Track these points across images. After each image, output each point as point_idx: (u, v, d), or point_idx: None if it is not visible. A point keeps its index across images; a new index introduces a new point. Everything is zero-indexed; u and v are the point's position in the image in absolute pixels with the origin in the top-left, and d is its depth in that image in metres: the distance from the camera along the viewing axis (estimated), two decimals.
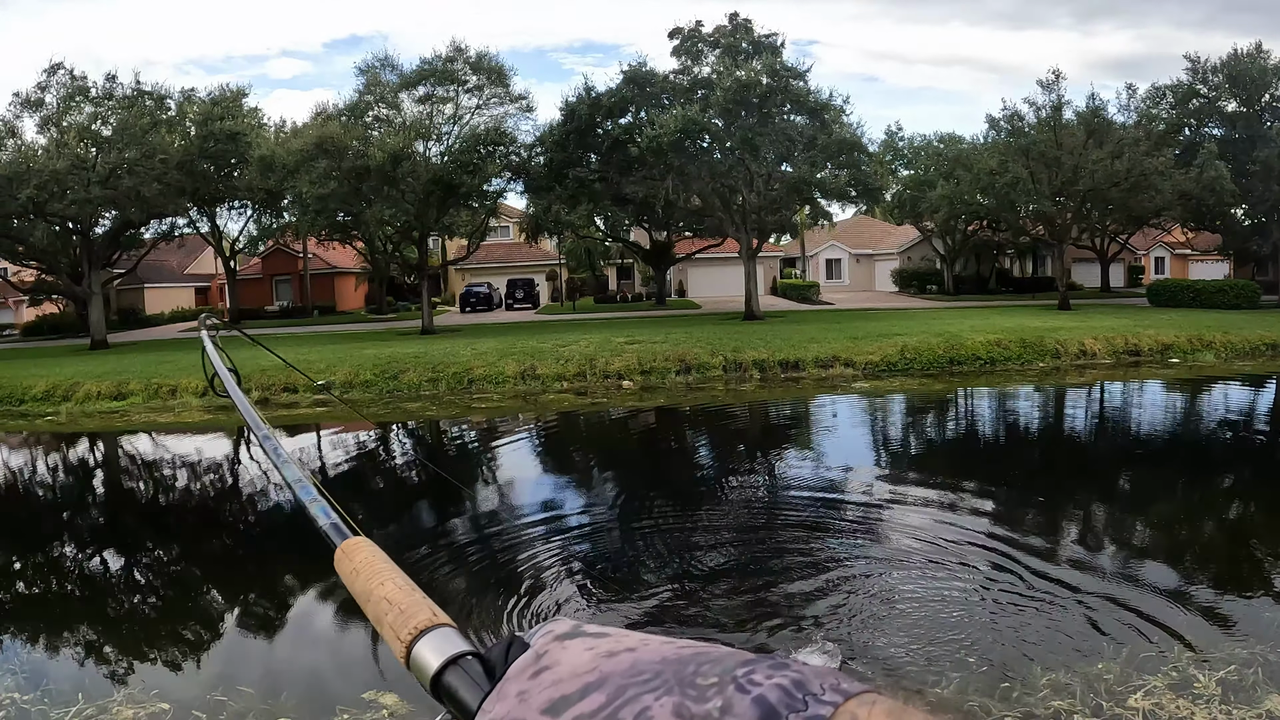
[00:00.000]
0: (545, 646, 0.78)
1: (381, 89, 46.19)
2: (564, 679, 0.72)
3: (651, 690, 0.65)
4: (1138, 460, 18.75)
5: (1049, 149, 47.67)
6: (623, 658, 0.71)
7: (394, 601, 0.97)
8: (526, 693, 0.73)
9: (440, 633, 0.90)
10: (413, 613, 0.93)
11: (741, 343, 34.36)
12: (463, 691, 0.83)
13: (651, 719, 0.62)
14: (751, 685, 0.61)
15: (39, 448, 26.00)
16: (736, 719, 0.58)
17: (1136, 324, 36.99)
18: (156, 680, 8.64)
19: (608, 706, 0.65)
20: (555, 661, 0.75)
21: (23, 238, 48.48)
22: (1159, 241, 78.46)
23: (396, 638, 0.91)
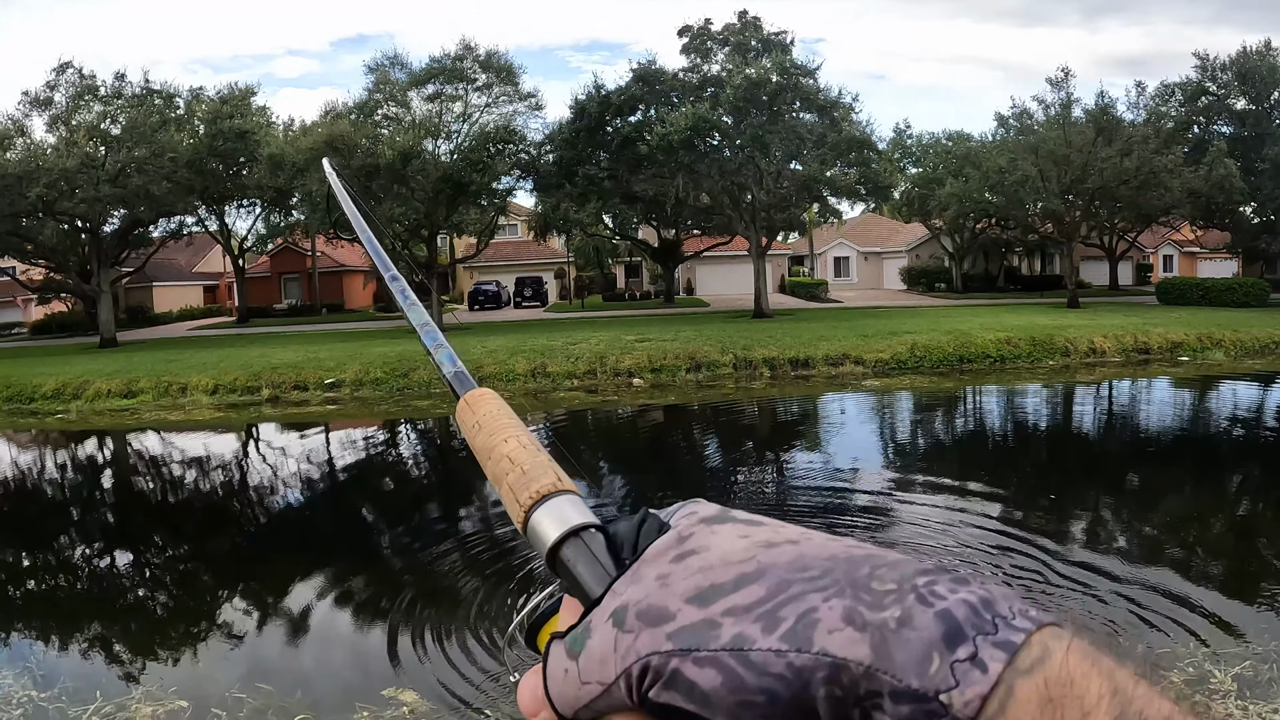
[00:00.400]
0: (690, 529, 0.68)
1: (391, 87, 46.19)
2: (714, 566, 0.63)
3: (819, 589, 0.58)
4: (1152, 458, 18.75)
5: (1058, 147, 47.53)
6: (784, 549, 0.63)
7: (516, 460, 0.88)
8: (668, 577, 0.64)
9: (565, 499, 0.80)
10: (536, 474, 0.84)
11: (751, 341, 34.33)
12: (582, 568, 0.73)
13: (818, 620, 0.55)
14: (934, 598, 0.54)
15: (50, 446, 26.04)
16: (917, 632, 0.52)
17: (1146, 322, 36.92)
18: (174, 678, 8.65)
19: (767, 601, 0.58)
20: (703, 546, 0.66)
21: (32, 236, 48.47)
22: (1167, 239, 78.30)
23: (515, 501, 0.82)
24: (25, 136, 46.00)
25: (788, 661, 0.54)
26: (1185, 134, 53.44)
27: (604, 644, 0.63)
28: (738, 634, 0.57)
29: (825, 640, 0.54)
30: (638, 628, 0.62)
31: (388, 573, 11.85)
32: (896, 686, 0.51)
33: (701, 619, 0.59)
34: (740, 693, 0.55)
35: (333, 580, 11.21)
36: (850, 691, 0.53)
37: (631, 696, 0.61)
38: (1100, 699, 0.48)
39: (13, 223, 45.55)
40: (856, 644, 0.53)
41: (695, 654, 0.58)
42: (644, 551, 0.68)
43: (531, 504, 0.80)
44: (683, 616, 0.60)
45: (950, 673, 0.50)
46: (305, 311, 71.92)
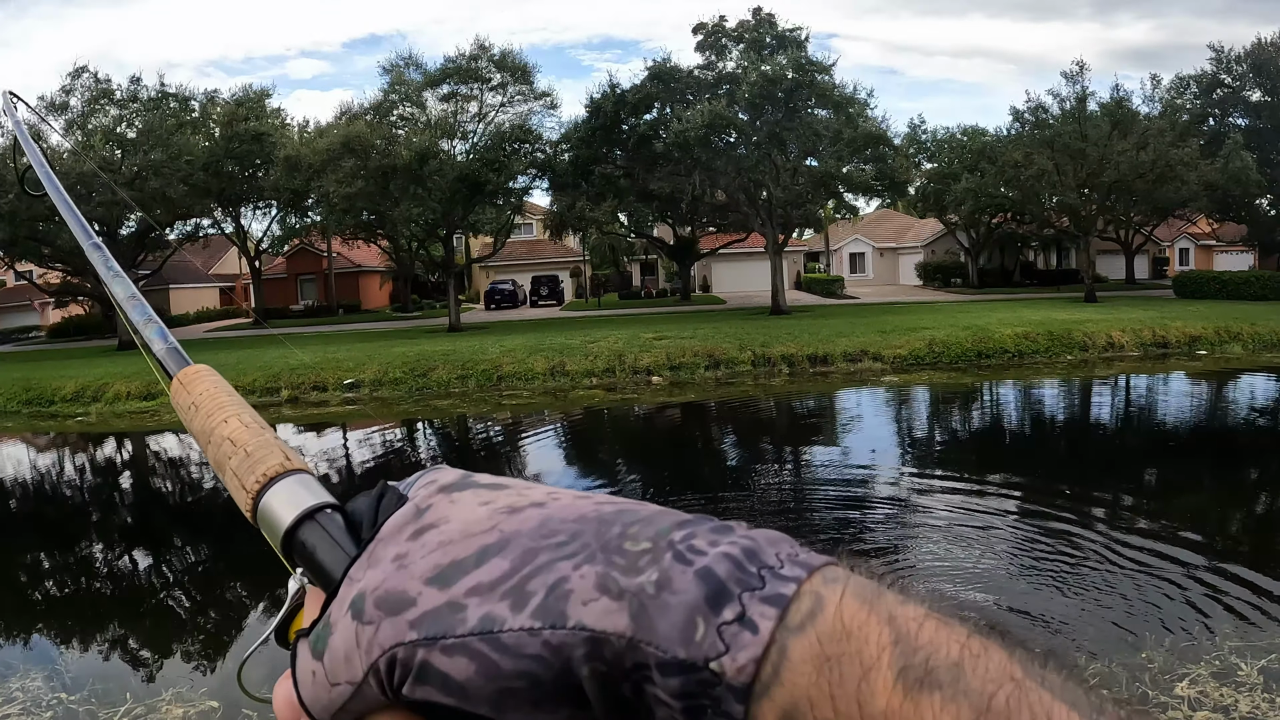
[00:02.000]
0: (428, 499, 0.63)
1: (406, 87, 46.28)
2: (454, 540, 0.58)
3: (568, 556, 0.54)
4: (1175, 451, 18.77)
5: (1074, 141, 47.43)
6: (529, 514, 0.58)
7: (239, 442, 0.81)
8: (406, 557, 0.58)
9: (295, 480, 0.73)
10: (261, 456, 0.77)
11: (769, 337, 34.30)
12: (322, 552, 0.66)
13: (570, 591, 0.52)
14: (693, 554, 0.50)
15: (71, 448, 26.12)
16: (677, 596, 0.49)
17: (1163, 316, 36.80)
18: (204, 679, 8.68)
19: (513, 575, 0.54)
20: (442, 518, 0.60)
21: (49, 240, 48.62)
22: (1183, 233, 77.98)
23: (241, 487, 0.75)
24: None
25: (543, 640, 0.50)
26: (1201, 126, 53.39)
27: (346, 639, 0.57)
28: (485, 615, 0.53)
29: (580, 613, 0.50)
30: (377, 618, 0.56)
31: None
32: (662, 658, 0.48)
33: (445, 602, 0.55)
34: (497, 680, 0.51)
35: None
36: (615, 666, 0.49)
37: (386, 693, 0.56)
38: (881, 650, 0.45)
39: (30, 227, 45.73)
40: (614, 614, 0.49)
41: (442, 642, 0.53)
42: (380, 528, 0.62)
43: (259, 488, 0.74)
44: (424, 601, 0.55)
45: (718, 638, 0.47)
46: (322, 312, 72.00)
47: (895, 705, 0.42)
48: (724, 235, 64.02)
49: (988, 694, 0.42)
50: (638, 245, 70.32)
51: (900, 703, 0.42)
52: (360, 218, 48.25)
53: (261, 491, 0.73)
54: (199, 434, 0.87)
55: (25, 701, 8.36)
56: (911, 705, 0.42)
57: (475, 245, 71.17)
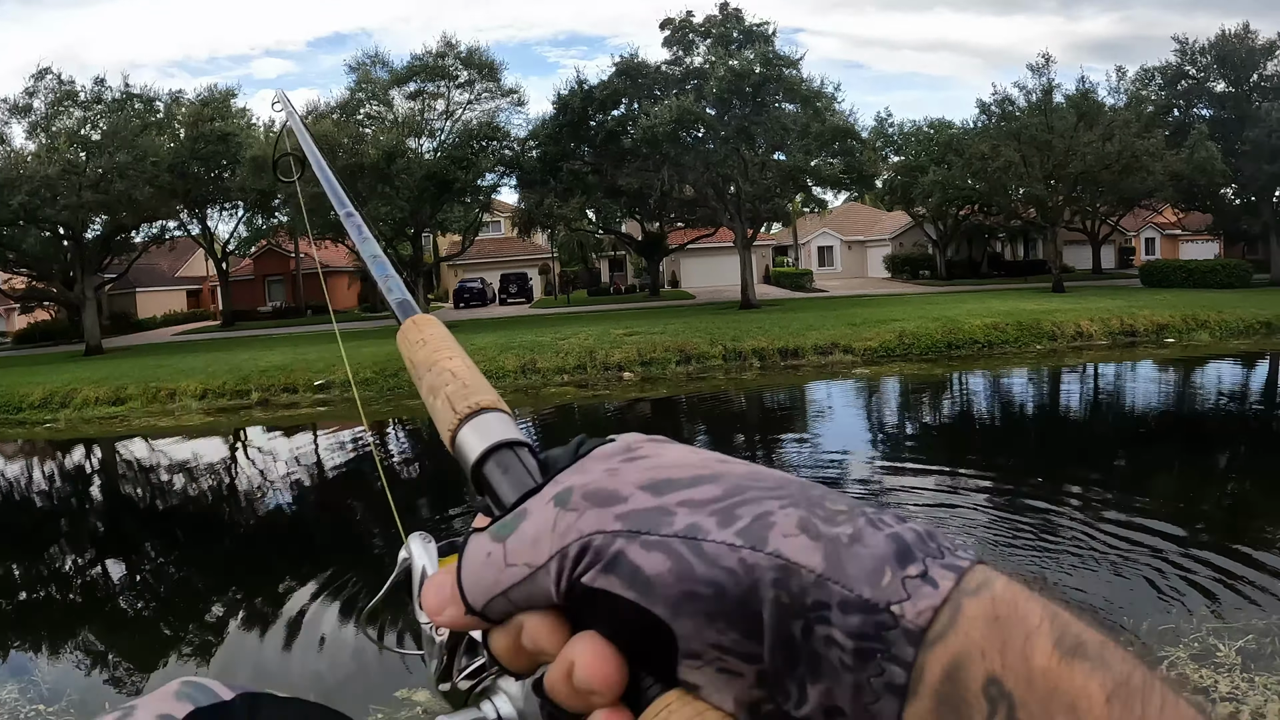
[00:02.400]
0: (638, 443, 0.65)
1: (373, 86, 46.24)
2: (669, 465, 0.61)
3: (775, 497, 0.56)
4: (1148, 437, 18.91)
5: (1040, 132, 47.73)
6: (737, 465, 0.61)
7: (458, 374, 0.85)
8: (617, 471, 0.61)
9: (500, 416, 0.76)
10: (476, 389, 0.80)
11: (740, 332, 34.34)
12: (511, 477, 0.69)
13: (774, 524, 0.54)
14: (883, 524, 0.54)
15: (40, 456, 25.93)
16: (868, 549, 0.52)
17: (1131, 305, 37.02)
18: None
19: (724, 500, 0.56)
20: (655, 453, 0.63)
21: (14, 245, 48.28)
22: (1149, 222, 78.39)
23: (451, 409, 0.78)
24: (5, 144, 45.85)
25: (740, 557, 0.53)
26: (1166, 117, 53.61)
27: (541, 523, 0.60)
28: (692, 523, 0.55)
29: (780, 543, 0.53)
30: (583, 506, 0.59)
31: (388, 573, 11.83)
32: (847, 596, 0.51)
33: (655, 505, 0.57)
34: (687, 582, 0.54)
35: (338, 580, 11.18)
36: (798, 599, 0.51)
37: (560, 582, 0.58)
38: (1042, 620, 0.48)
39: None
40: (810, 551, 0.52)
41: (644, 537, 0.56)
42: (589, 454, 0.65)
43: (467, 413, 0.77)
44: (635, 500, 0.58)
45: (902, 586, 0.50)
46: (290, 313, 71.75)
47: (1053, 665, 0.46)
48: (692, 230, 63.99)
49: (1126, 671, 0.46)
50: (606, 242, 70.48)
51: (1057, 663, 0.46)
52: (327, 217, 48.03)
53: (468, 418, 0.76)
54: (420, 363, 0.91)
55: (1, 714, 8.29)
56: (1066, 667, 0.46)
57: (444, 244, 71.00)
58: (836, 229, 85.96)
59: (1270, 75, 51.86)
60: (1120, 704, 0.45)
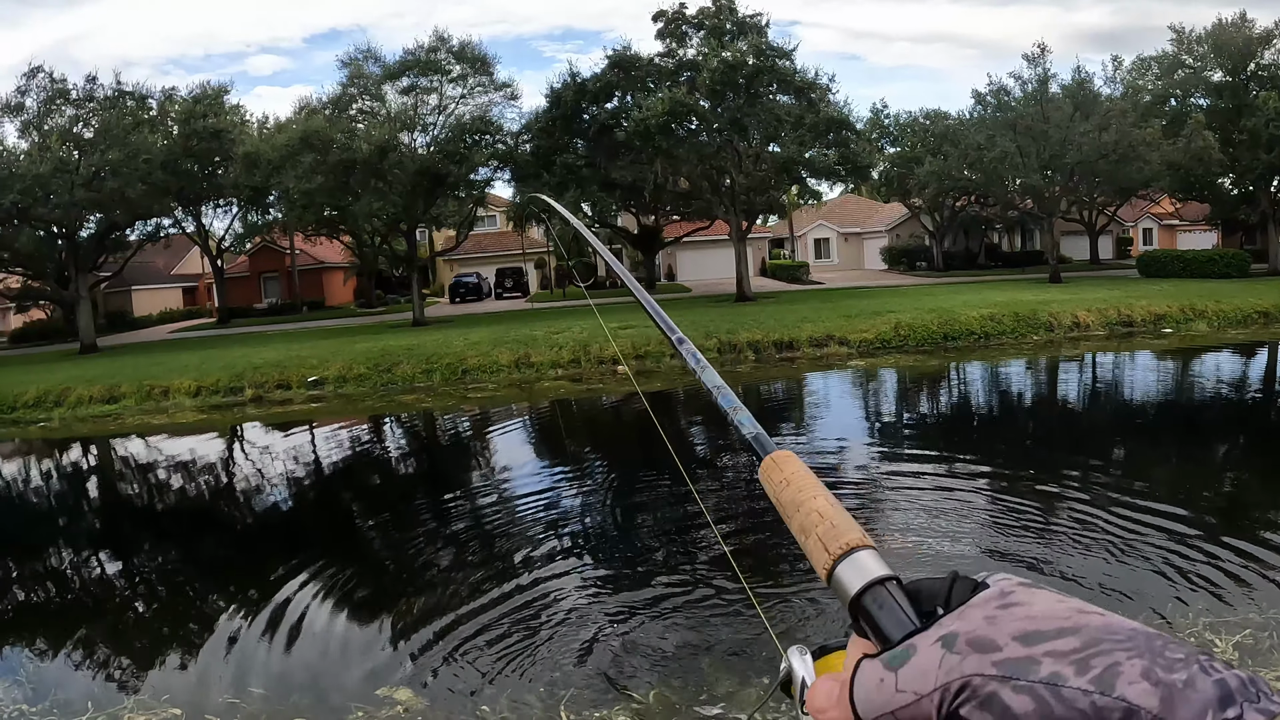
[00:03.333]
0: (1011, 589, 0.76)
1: (365, 81, 46.08)
2: (1037, 617, 0.71)
3: (1125, 649, 0.66)
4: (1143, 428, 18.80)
5: (1036, 122, 47.68)
6: (1094, 617, 0.71)
7: (825, 515, 0.94)
8: (995, 619, 0.72)
9: (869, 554, 0.87)
10: (844, 530, 0.91)
11: (735, 324, 34.29)
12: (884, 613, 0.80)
13: (1121, 673, 0.64)
14: (1214, 670, 0.63)
15: (34, 455, 25.85)
16: (1199, 694, 0.61)
17: (1128, 295, 36.99)
18: (166, 685, 8.54)
19: (1082, 651, 0.66)
20: (1025, 601, 0.74)
21: (7, 244, 48.12)
22: (1147, 213, 78.38)
23: (825, 550, 0.89)
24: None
25: (1092, 700, 0.63)
26: (1163, 107, 53.49)
27: (929, 660, 0.71)
28: (1054, 671, 0.65)
29: (1125, 689, 0.63)
30: (966, 651, 0.70)
31: (377, 571, 11.75)
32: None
33: (1025, 655, 0.68)
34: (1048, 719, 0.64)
35: (322, 580, 11.11)
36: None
37: (940, 711, 0.69)
38: None
39: None
40: (1149, 695, 0.62)
41: (1015, 682, 0.66)
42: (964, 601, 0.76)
43: (840, 554, 0.87)
44: (1009, 650, 0.68)
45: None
46: (286, 310, 71.68)
47: None
48: (688, 223, 64.00)
49: None
50: (601, 235, 70.30)
51: None
52: (321, 213, 48.01)
53: (841, 558, 0.87)
54: (787, 504, 1.02)
55: None
56: None
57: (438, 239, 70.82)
58: (833, 221, 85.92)
59: (1267, 64, 51.69)
60: None
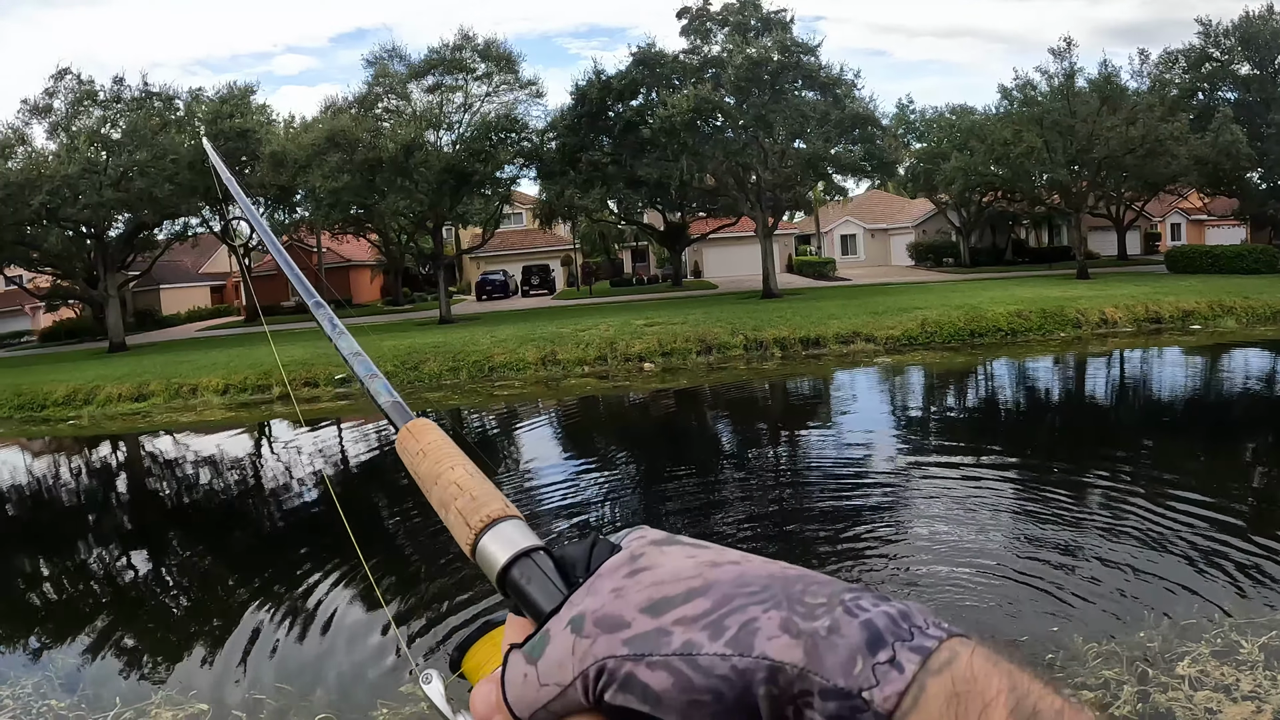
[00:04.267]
0: (641, 549, 0.74)
1: (390, 80, 46.17)
2: (665, 581, 0.69)
3: (759, 602, 0.64)
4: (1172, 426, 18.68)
5: (1063, 117, 47.36)
6: (727, 569, 0.68)
7: (464, 487, 0.90)
8: (623, 590, 0.69)
9: (513, 524, 0.84)
10: (484, 501, 0.87)
11: (761, 321, 34.26)
12: (533, 587, 0.77)
13: (758, 629, 0.62)
14: (859, 610, 0.61)
15: (63, 452, 26.02)
16: (844, 639, 0.59)
17: (1156, 291, 36.75)
18: (194, 681, 8.59)
19: (713, 612, 0.64)
20: (654, 564, 0.71)
21: (37, 244, 48.47)
22: (1175, 208, 77.81)
23: (465, 524, 0.85)
24: (26, 144, 46.08)
25: (732, 664, 0.60)
26: (1190, 101, 53.13)
27: (562, 649, 0.68)
28: (687, 640, 0.63)
29: (765, 646, 0.60)
30: (595, 634, 0.67)
31: (403, 567, 11.77)
32: (825, 685, 0.57)
33: (654, 627, 0.65)
34: (689, 693, 0.61)
35: (348, 576, 11.13)
36: (786, 690, 0.59)
37: (587, 697, 0.66)
38: (999, 693, 0.54)
39: (17, 231, 45.64)
40: (792, 649, 0.59)
41: (648, 658, 0.63)
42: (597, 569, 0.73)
43: (481, 527, 0.84)
44: (637, 625, 0.66)
45: (872, 673, 0.57)
46: None
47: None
48: (714, 220, 63.84)
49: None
50: (628, 232, 70.40)
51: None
52: (348, 211, 48.17)
53: (483, 531, 0.83)
54: (425, 476, 0.98)
55: (15, 709, 8.28)
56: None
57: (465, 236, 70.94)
58: (859, 217, 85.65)
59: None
60: None
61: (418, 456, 1.01)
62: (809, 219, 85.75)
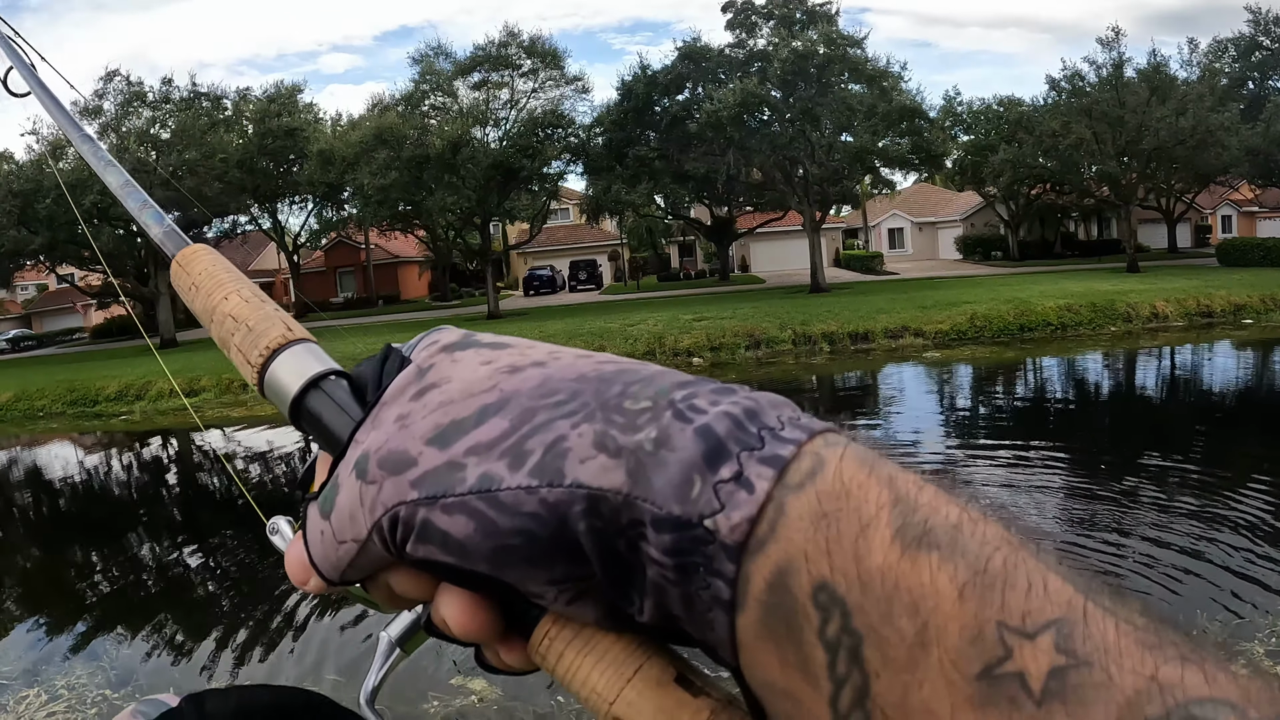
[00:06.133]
0: (430, 359, 0.62)
1: (437, 77, 46.39)
2: (454, 400, 0.57)
3: (566, 415, 0.53)
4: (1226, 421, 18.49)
5: (1112, 108, 46.95)
6: (529, 374, 0.57)
7: (240, 318, 0.80)
8: (408, 417, 0.58)
9: (299, 349, 0.74)
10: (264, 329, 0.77)
11: (809, 315, 34.15)
12: (328, 418, 0.67)
13: (568, 450, 0.51)
14: (693, 413, 0.49)
15: (115, 447, 26.24)
16: (675, 454, 0.48)
17: (1208, 285, 36.32)
18: (248, 672, 8.65)
19: (512, 434, 0.53)
20: (443, 378, 0.60)
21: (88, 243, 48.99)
22: (1225, 199, 76.82)
23: (246, 361, 0.76)
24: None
25: (540, 498, 0.50)
26: (1240, 90, 52.67)
27: (351, 498, 0.58)
28: (483, 474, 0.52)
29: (577, 471, 0.50)
30: (380, 477, 0.56)
31: None
32: (657, 514, 0.47)
33: (444, 461, 0.54)
34: (495, 537, 0.52)
35: None
36: (611, 522, 0.49)
37: (389, 550, 0.56)
38: (880, 509, 0.44)
39: (69, 231, 46.09)
40: (611, 471, 0.49)
41: (443, 501, 0.53)
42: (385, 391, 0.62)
43: (263, 361, 0.74)
44: (425, 460, 0.55)
45: (714, 495, 0.46)
46: (361, 304, 72.30)
47: (892, 561, 0.42)
48: (761, 214, 63.63)
49: (984, 556, 0.41)
50: (675, 227, 70.26)
51: (897, 559, 0.42)
52: (396, 208, 48.36)
53: (266, 363, 0.74)
54: (201, 313, 0.88)
55: (70, 698, 8.36)
56: (909, 562, 0.42)
57: (512, 232, 71.22)
58: (906, 210, 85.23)
59: None
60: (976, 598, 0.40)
61: (191, 291, 0.90)
62: (856, 213, 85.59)
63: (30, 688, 8.65)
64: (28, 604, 11.97)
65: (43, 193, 42.22)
